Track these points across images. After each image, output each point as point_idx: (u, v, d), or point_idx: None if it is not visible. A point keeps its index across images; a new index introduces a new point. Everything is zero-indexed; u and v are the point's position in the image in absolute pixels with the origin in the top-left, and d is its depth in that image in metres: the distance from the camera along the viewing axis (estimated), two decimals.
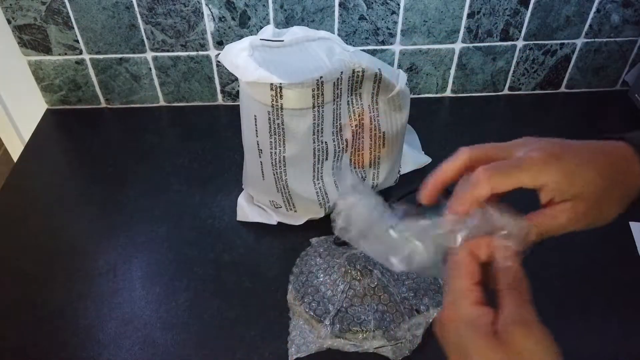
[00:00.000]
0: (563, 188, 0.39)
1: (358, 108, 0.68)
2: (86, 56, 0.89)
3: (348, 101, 0.66)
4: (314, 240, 0.71)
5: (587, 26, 0.89)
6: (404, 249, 0.39)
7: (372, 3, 0.84)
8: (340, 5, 0.84)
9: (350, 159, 0.71)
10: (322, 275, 0.63)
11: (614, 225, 0.74)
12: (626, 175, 0.40)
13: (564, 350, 0.61)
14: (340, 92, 0.64)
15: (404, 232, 0.40)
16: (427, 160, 0.82)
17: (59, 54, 0.89)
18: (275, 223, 0.74)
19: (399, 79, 0.67)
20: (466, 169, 0.41)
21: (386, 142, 0.71)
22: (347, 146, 0.69)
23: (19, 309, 0.65)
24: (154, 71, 0.91)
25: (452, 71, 0.94)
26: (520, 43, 0.90)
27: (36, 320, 0.64)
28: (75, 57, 0.89)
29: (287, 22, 0.85)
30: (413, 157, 0.81)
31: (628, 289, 0.66)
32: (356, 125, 0.68)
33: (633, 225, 0.72)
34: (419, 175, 0.81)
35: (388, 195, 0.77)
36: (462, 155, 0.42)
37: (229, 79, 0.93)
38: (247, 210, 0.75)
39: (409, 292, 0.61)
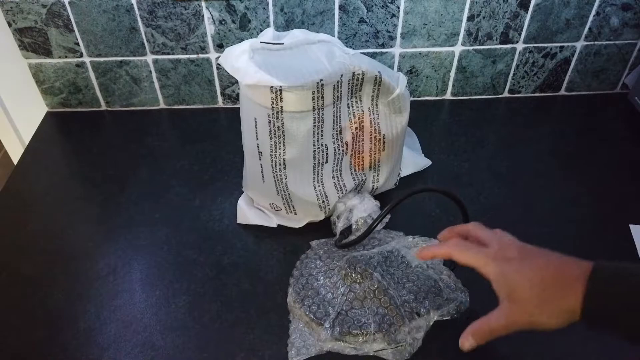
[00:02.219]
0: (499, 285, 0.47)
1: (358, 111, 0.68)
2: (86, 59, 0.89)
3: (348, 104, 0.66)
4: (314, 242, 0.71)
5: (586, 29, 0.89)
6: None
7: (372, 6, 0.84)
8: (340, 8, 0.84)
9: (350, 162, 0.71)
10: (322, 277, 0.63)
11: (613, 227, 0.74)
12: (566, 291, 0.43)
13: (563, 353, 0.61)
14: (341, 95, 0.64)
15: None
16: (427, 162, 0.82)
17: (60, 57, 0.89)
18: (275, 225, 0.74)
19: (399, 82, 0.67)
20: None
21: (386, 144, 0.71)
22: (347, 149, 0.69)
23: (18, 311, 0.65)
24: (154, 74, 0.92)
25: (452, 74, 0.94)
26: (520, 46, 0.90)
27: (35, 323, 0.64)
28: (75, 59, 0.89)
29: (287, 25, 0.86)
30: (413, 160, 0.82)
31: None
32: (356, 128, 0.68)
33: (633, 227, 0.72)
34: (420, 178, 0.81)
35: (388, 198, 0.77)
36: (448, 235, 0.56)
37: (229, 82, 0.93)
38: (247, 212, 0.75)
39: (409, 295, 0.61)
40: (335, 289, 0.61)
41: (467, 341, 0.50)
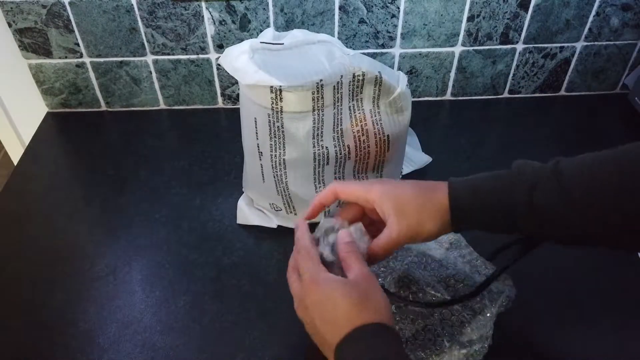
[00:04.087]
0: (385, 201, 0.51)
1: (360, 114, 0.67)
2: (87, 59, 0.89)
3: (350, 107, 0.66)
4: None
5: (586, 29, 0.89)
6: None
7: (372, 6, 0.84)
8: (340, 8, 0.84)
9: (354, 167, 0.71)
10: None
11: None
12: (435, 196, 0.51)
13: (564, 353, 0.61)
14: (341, 97, 0.64)
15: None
16: (428, 159, 0.82)
17: (60, 57, 0.89)
18: (275, 226, 0.74)
19: (400, 81, 0.67)
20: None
21: (391, 145, 0.71)
22: (349, 152, 0.69)
23: (18, 312, 0.65)
24: (154, 74, 0.92)
25: (452, 74, 0.94)
26: (520, 46, 0.90)
27: (36, 323, 0.64)
28: (75, 60, 0.89)
29: (287, 25, 0.86)
30: (414, 157, 0.81)
31: (628, 291, 0.66)
32: (358, 131, 0.68)
33: None
34: (420, 176, 0.81)
35: None
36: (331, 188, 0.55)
37: (229, 82, 0.93)
38: (247, 213, 0.75)
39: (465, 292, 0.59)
40: (394, 314, 0.59)
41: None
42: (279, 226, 0.74)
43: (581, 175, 0.47)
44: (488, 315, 0.59)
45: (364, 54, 0.68)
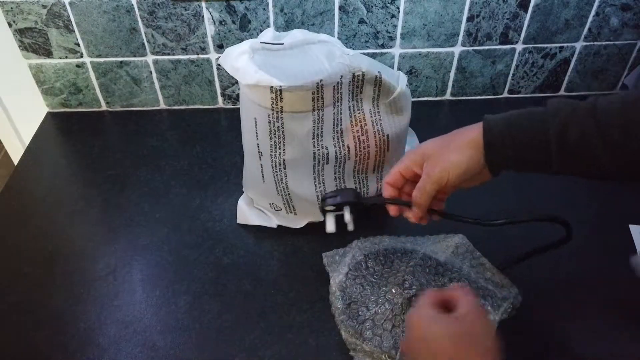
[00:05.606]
0: (415, 158, 0.55)
1: (359, 114, 0.68)
2: (87, 59, 0.90)
3: (349, 107, 0.66)
4: (328, 255, 0.68)
5: (586, 29, 0.89)
6: None
7: (372, 7, 0.84)
8: (340, 9, 0.84)
9: (354, 167, 0.71)
10: (373, 306, 0.61)
11: (613, 227, 0.74)
12: (465, 133, 0.54)
13: (563, 353, 0.61)
14: (341, 96, 0.64)
15: None
16: None
17: (60, 57, 0.89)
18: (275, 226, 0.74)
19: (399, 81, 0.67)
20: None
21: (390, 145, 0.71)
22: (349, 152, 0.69)
23: (18, 312, 0.65)
24: (154, 74, 0.92)
25: (452, 74, 0.94)
26: (519, 46, 0.90)
27: (36, 323, 0.64)
28: (76, 60, 0.89)
29: (287, 25, 0.86)
30: None
31: (628, 291, 0.66)
32: (358, 131, 0.68)
33: (633, 228, 0.73)
34: None
35: None
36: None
37: (230, 82, 0.93)
38: (247, 213, 0.75)
39: None
40: (394, 317, 0.59)
41: (410, 213, 0.57)
42: (278, 226, 0.74)
43: (619, 116, 0.47)
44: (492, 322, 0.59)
45: (364, 54, 0.68)
